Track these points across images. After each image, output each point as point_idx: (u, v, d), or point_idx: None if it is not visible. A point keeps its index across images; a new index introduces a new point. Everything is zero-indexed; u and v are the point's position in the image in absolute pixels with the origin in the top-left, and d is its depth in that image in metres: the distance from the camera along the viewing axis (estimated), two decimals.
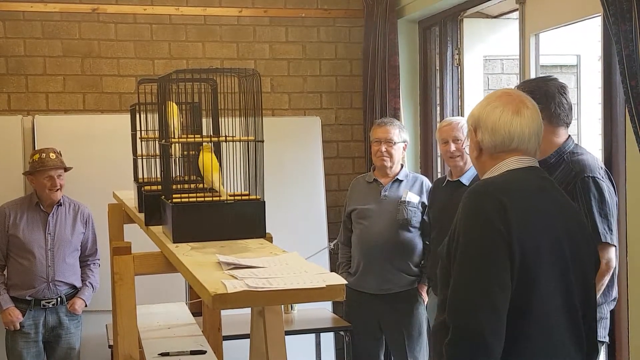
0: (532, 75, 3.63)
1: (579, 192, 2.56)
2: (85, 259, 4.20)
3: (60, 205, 4.09)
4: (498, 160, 1.97)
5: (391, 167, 3.99)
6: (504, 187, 1.88)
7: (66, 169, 4.07)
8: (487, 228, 1.81)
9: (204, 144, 2.15)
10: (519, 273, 1.79)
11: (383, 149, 3.96)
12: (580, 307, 1.89)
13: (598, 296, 2.57)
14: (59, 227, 4.06)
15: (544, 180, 1.98)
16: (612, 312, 2.68)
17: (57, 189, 4.01)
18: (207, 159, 2.13)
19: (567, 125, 2.68)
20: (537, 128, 1.97)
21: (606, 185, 2.57)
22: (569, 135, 2.68)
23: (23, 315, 3.98)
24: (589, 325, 1.93)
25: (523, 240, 1.80)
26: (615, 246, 2.57)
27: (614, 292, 2.68)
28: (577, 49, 4.62)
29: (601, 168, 2.62)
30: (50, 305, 4.02)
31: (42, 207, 4.06)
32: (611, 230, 2.55)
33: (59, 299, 4.04)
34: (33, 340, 4.02)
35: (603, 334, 2.67)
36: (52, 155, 4.02)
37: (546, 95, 2.60)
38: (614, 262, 2.57)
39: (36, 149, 4.28)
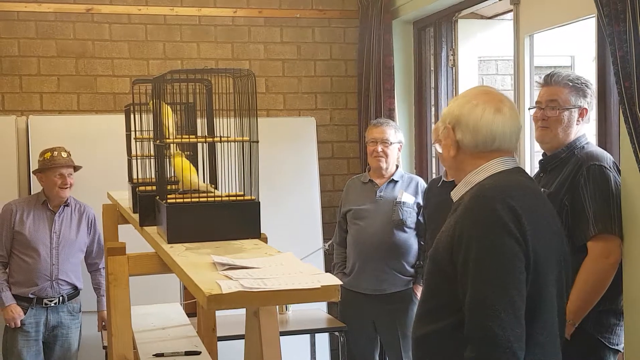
0: (527, 77, 3.63)
1: (584, 179, 2.52)
2: (94, 262, 4.20)
3: (67, 205, 4.10)
4: (480, 160, 1.91)
5: (387, 168, 4.00)
6: (510, 191, 1.82)
7: (76, 168, 4.09)
8: (504, 236, 1.74)
9: (177, 150, 2.15)
10: (531, 281, 1.76)
11: (379, 149, 3.96)
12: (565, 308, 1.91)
13: (603, 292, 2.52)
14: (64, 227, 4.07)
15: (532, 182, 1.96)
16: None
17: (67, 187, 4.03)
18: (178, 162, 2.12)
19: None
20: (517, 127, 1.93)
21: (613, 176, 2.53)
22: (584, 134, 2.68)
23: (25, 313, 3.98)
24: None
25: (536, 249, 1.77)
26: (619, 238, 2.49)
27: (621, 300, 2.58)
28: (571, 50, 4.63)
29: (611, 159, 2.59)
30: (52, 304, 4.01)
31: (49, 206, 4.07)
32: (613, 221, 2.49)
33: (60, 298, 4.03)
34: (33, 339, 4.01)
35: (616, 340, 2.57)
36: (64, 154, 4.05)
37: (587, 89, 2.63)
38: (618, 256, 2.49)
39: (26, 152, 4.30)
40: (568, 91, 2.66)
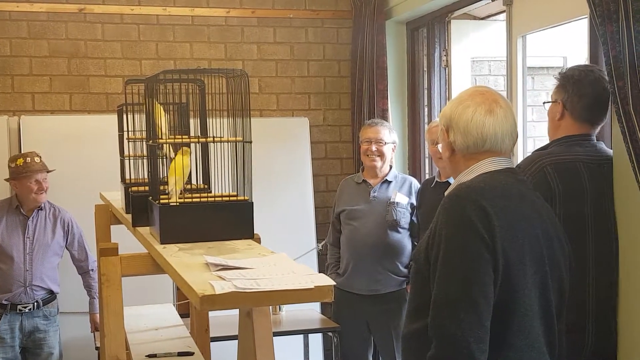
0: (520, 78, 3.64)
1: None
2: (80, 265, 4.17)
3: (41, 209, 4.06)
4: (472, 161, 1.92)
5: (381, 168, 4.00)
6: (486, 192, 1.82)
7: (48, 172, 4.05)
8: (471, 236, 1.75)
9: (183, 147, 2.14)
10: (501, 283, 1.75)
11: (373, 148, 3.96)
12: (555, 312, 1.88)
13: None
14: (38, 232, 4.02)
15: (521, 183, 1.94)
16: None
17: (43, 192, 3.99)
18: (172, 162, 2.10)
19: (585, 121, 2.52)
20: (511, 128, 1.92)
21: (545, 180, 2.33)
22: (581, 134, 2.51)
23: None
24: (560, 328, 1.92)
25: (507, 251, 1.76)
26: None
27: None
28: (563, 51, 4.64)
29: (548, 161, 2.38)
30: (27, 310, 3.97)
31: (22, 211, 4.03)
32: None
33: (35, 303, 3.99)
34: (9, 345, 3.97)
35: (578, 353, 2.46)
36: (37, 159, 4.00)
37: (568, 82, 2.46)
38: None
39: (18, 152, 4.26)
40: (555, 85, 2.58)
